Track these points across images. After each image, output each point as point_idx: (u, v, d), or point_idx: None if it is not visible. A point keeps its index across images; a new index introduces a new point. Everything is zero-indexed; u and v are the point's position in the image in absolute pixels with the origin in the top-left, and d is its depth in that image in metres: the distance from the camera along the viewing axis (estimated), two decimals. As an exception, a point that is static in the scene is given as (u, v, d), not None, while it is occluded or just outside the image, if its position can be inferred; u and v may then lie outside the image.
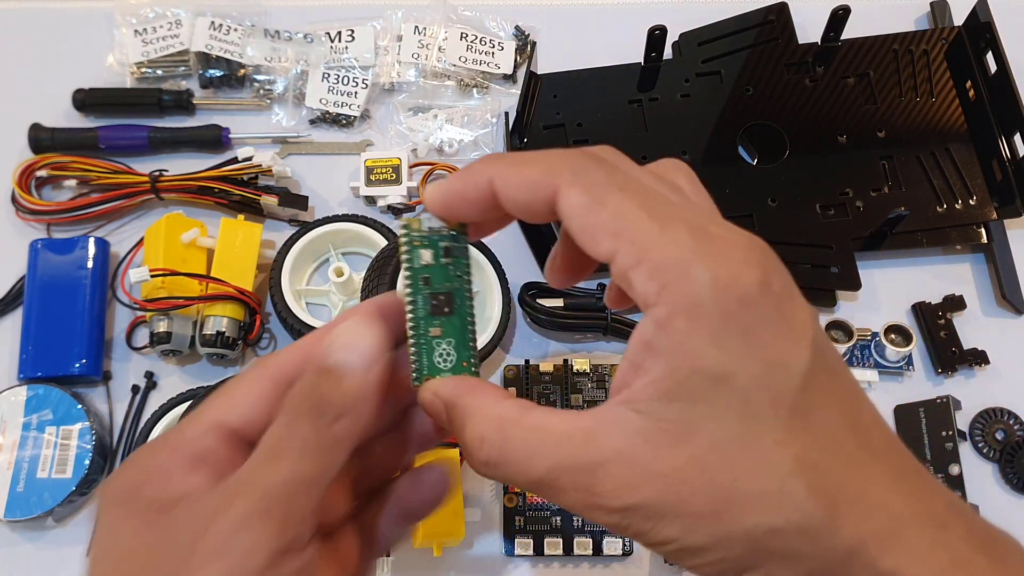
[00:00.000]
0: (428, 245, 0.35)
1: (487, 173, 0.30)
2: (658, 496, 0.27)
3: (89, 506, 0.59)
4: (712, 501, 0.27)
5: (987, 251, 0.67)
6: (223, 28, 0.72)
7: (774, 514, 0.27)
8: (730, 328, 0.27)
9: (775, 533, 0.27)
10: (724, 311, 0.27)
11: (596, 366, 0.62)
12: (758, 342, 0.27)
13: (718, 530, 0.27)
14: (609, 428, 0.28)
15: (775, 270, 0.28)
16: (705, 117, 0.70)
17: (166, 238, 0.61)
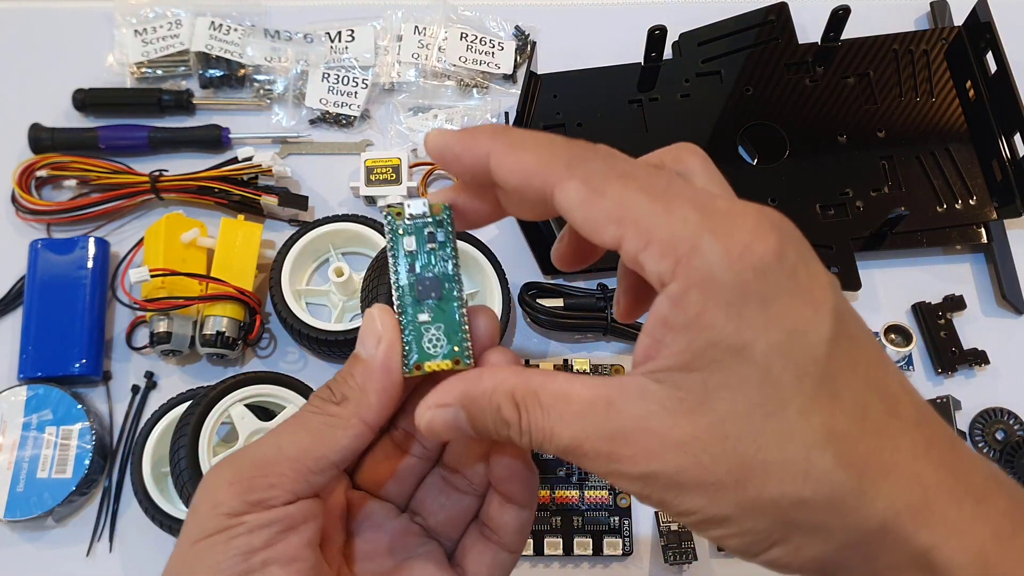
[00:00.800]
0: (412, 232, 0.34)
1: (487, 147, 0.30)
2: (677, 464, 0.27)
3: (89, 506, 0.59)
4: (734, 470, 0.27)
5: (987, 251, 0.67)
6: (223, 28, 0.72)
7: (801, 485, 0.27)
8: (746, 299, 0.26)
9: (803, 504, 0.27)
10: (739, 282, 0.26)
11: (596, 366, 0.62)
12: (776, 311, 0.27)
13: (743, 499, 0.27)
14: (629, 397, 0.28)
15: (790, 238, 0.28)
16: (705, 117, 0.70)
17: (166, 238, 0.61)
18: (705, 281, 0.26)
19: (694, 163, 0.32)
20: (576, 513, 0.58)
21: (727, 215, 0.27)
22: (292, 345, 0.64)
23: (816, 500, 0.27)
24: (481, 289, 0.63)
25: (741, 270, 0.26)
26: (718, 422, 0.27)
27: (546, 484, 0.59)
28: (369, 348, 0.31)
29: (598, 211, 0.28)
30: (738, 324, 0.26)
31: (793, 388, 0.27)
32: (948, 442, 0.28)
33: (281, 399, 0.56)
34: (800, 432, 0.27)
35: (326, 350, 0.61)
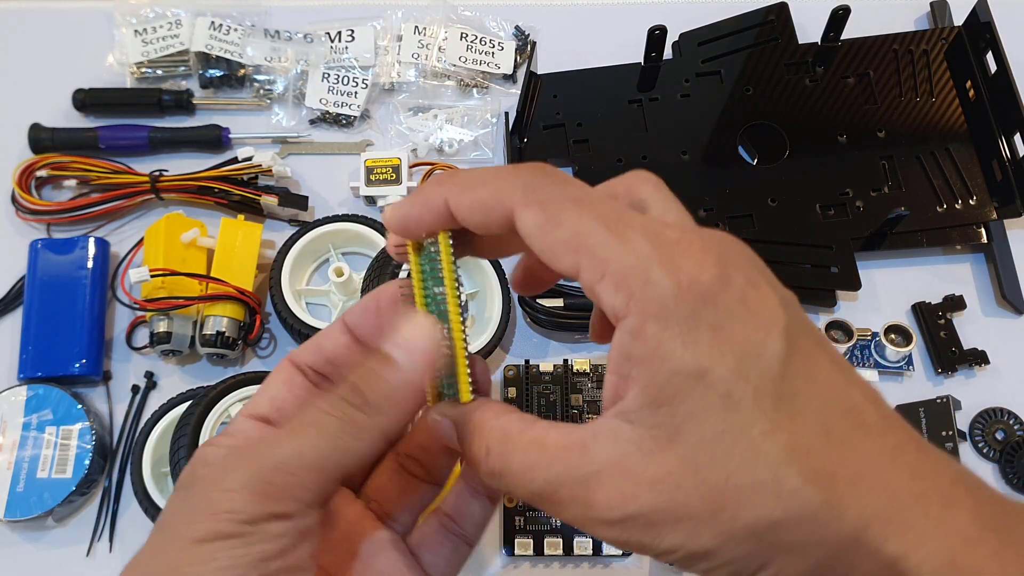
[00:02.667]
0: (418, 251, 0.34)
1: (441, 195, 0.30)
2: (653, 503, 0.27)
3: (89, 506, 0.59)
4: (708, 500, 0.27)
5: (987, 251, 0.67)
6: (223, 28, 0.72)
7: (772, 505, 0.27)
8: (699, 326, 0.27)
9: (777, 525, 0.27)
10: (690, 310, 0.27)
11: (596, 366, 0.62)
12: (728, 335, 0.27)
13: (720, 530, 0.27)
14: (603, 439, 0.28)
15: (735, 263, 0.28)
16: (705, 117, 0.70)
17: (166, 238, 0.61)
18: (659, 312, 0.27)
19: (647, 191, 0.32)
20: (576, 513, 0.58)
21: (676, 245, 0.28)
22: (292, 345, 0.64)
23: (789, 519, 0.27)
24: (481, 289, 0.63)
25: (691, 299, 0.27)
26: (689, 454, 0.27)
27: (546, 484, 0.59)
28: (415, 360, 0.30)
29: (555, 239, 0.28)
30: (695, 351, 0.27)
31: (754, 410, 0.27)
32: (915, 447, 0.28)
33: (281, 399, 0.56)
34: (765, 453, 0.27)
35: (326, 350, 0.61)
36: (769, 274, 0.29)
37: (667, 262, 0.27)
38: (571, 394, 0.61)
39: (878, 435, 0.28)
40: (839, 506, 0.27)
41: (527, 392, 0.61)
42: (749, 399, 0.27)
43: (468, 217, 0.30)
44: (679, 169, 0.68)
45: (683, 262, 0.27)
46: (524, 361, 0.62)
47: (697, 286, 0.27)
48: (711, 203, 0.66)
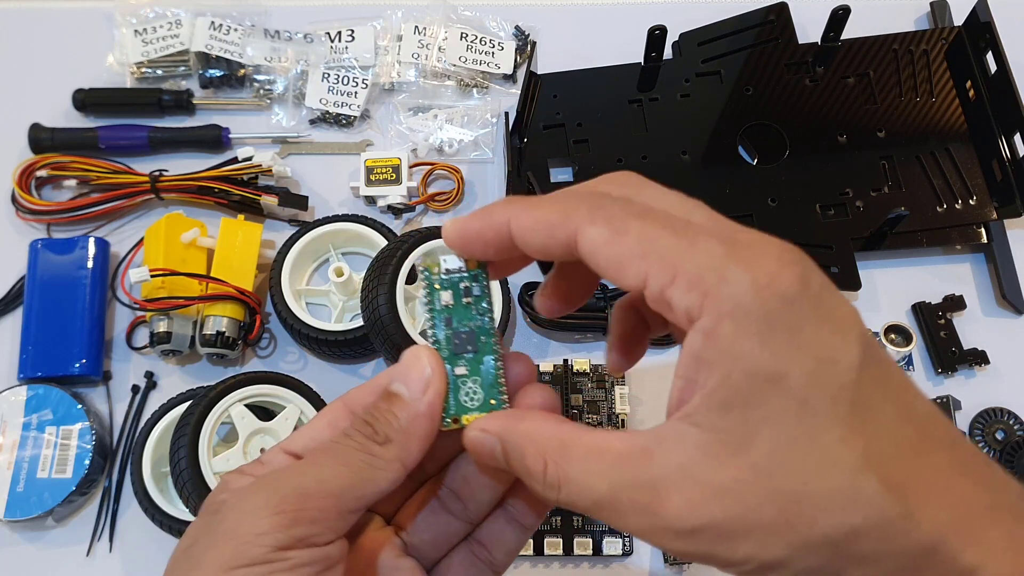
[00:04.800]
0: (448, 286, 0.35)
1: (505, 214, 0.30)
2: (725, 512, 0.26)
3: (89, 506, 0.59)
4: (783, 509, 0.26)
5: (987, 251, 0.67)
6: (223, 28, 0.72)
7: (851, 513, 0.26)
8: (776, 327, 0.26)
9: (855, 534, 0.26)
10: (768, 310, 0.26)
11: (596, 366, 0.62)
12: (806, 340, 0.26)
13: (795, 539, 0.26)
14: (668, 444, 0.27)
15: (812, 268, 0.27)
16: (705, 117, 0.70)
17: (166, 238, 0.61)
18: (735, 311, 0.26)
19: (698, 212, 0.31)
20: (576, 513, 0.58)
21: (751, 246, 0.27)
22: (292, 345, 0.64)
23: (868, 527, 0.26)
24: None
25: (769, 298, 0.26)
26: (762, 460, 0.26)
27: (546, 484, 0.59)
28: (415, 391, 0.31)
29: (622, 249, 0.27)
30: (772, 353, 0.26)
31: (830, 416, 0.26)
32: (982, 461, 0.28)
33: (281, 399, 0.56)
34: (842, 460, 0.26)
35: (326, 350, 0.61)
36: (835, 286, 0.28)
37: (744, 261, 0.26)
38: (571, 394, 0.61)
39: (948, 447, 0.28)
40: (916, 515, 0.26)
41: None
42: (825, 405, 0.26)
43: (531, 238, 0.30)
44: (679, 169, 0.68)
45: (761, 262, 0.27)
46: (524, 361, 0.62)
47: (776, 286, 0.26)
48: (711, 203, 0.66)
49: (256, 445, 0.55)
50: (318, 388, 0.57)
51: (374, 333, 0.57)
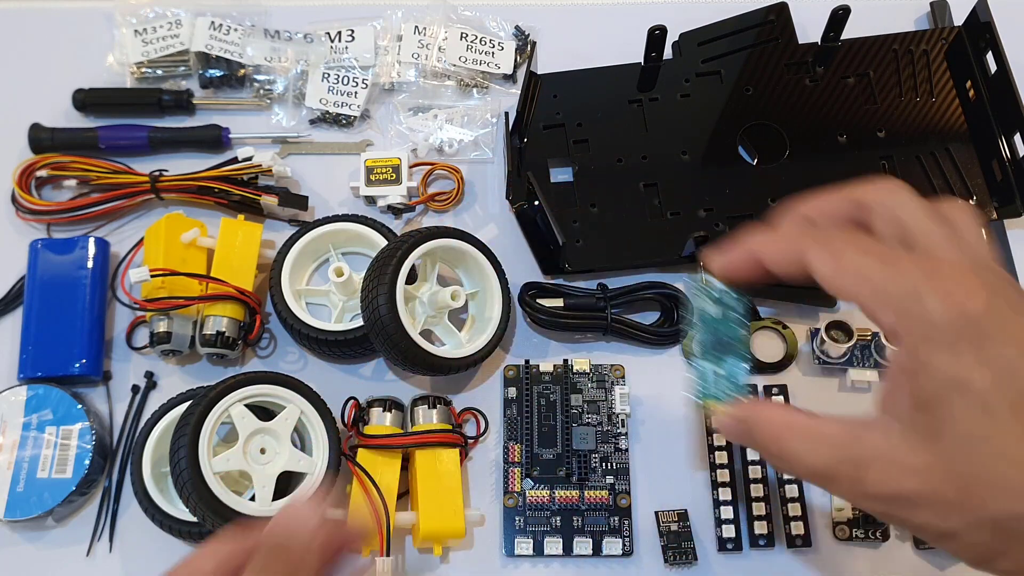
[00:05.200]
0: (715, 301, 0.45)
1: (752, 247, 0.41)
2: (914, 487, 0.34)
3: (89, 506, 0.59)
4: (960, 490, 0.33)
5: (987, 251, 0.67)
6: (223, 28, 0.72)
7: (1017, 501, 0.32)
8: (962, 344, 0.33)
9: (1018, 518, 0.32)
10: (955, 330, 0.33)
11: (596, 366, 0.62)
12: (988, 355, 0.33)
13: (967, 516, 0.34)
14: (875, 431, 0.36)
15: (1000, 290, 0.35)
16: (705, 117, 0.70)
17: (166, 238, 0.61)
18: (928, 331, 0.34)
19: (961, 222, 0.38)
20: (576, 513, 0.58)
21: (946, 274, 0.35)
22: (292, 345, 0.64)
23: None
24: (481, 289, 0.63)
25: (957, 319, 0.33)
26: (947, 450, 0.34)
27: (546, 484, 0.59)
28: None
29: (842, 272, 0.36)
30: (957, 365, 0.33)
31: (1008, 419, 0.33)
32: None
33: (281, 399, 0.56)
34: (1015, 457, 0.33)
35: (326, 350, 0.61)
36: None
37: (938, 288, 0.34)
38: (571, 394, 0.61)
39: None
40: None
41: (527, 392, 0.61)
42: (1004, 409, 0.33)
43: (776, 263, 0.40)
44: (679, 169, 0.68)
45: (953, 288, 0.34)
46: (524, 361, 0.62)
47: (964, 310, 0.33)
48: (711, 203, 0.66)
49: (256, 445, 0.55)
50: (318, 388, 0.57)
51: (374, 333, 0.57)
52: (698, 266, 0.49)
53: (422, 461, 0.56)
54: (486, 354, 0.60)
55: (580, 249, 0.65)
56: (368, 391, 0.61)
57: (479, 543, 0.58)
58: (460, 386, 0.63)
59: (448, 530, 0.55)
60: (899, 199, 0.39)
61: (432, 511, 0.55)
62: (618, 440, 0.60)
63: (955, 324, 0.34)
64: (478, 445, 0.61)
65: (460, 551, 0.58)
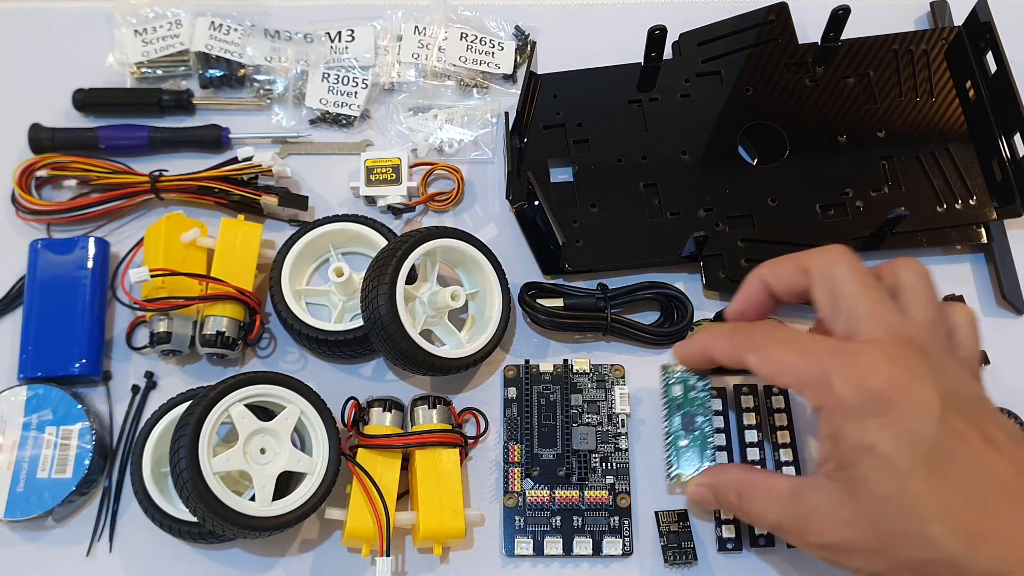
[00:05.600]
0: (680, 382, 0.55)
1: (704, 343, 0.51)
2: (842, 537, 0.41)
3: (89, 506, 0.59)
4: (878, 540, 0.40)
5: (987, 251, 0.67)
6: (223, 28, 0.72)
7: (923, 549, 0.38)
8: (868, 415, 0.40)
9: (925, 564, 0.38)
10: (861, 404, 0.40)
11: (596, 366, 0.62)
12: (891, 421, 0.40)
13: (888, 561, 0.40)
14: (813, 490, 0.43)
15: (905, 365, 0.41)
16: (705, 117, 0.70)
17: (166, 238, 0.61)
18: (839, 407, 0.41)
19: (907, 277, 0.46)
20: (576, 513, 0.58)
21: (851, 354, 0.42)
22: (292, 345, 0.64)
23: (934, 560, 0.38)
24: (481, 289, 0.63)
25: (861, 395, 0.40)
26: (864, 505, 0.40)
27: (546, 484, 0.59)
28: None
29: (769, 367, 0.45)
30: (864, 432, 0.40)
31: (909, 475, 0.39)
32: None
33: (281, 399, 0.56)
34: (917, 510, 0.38)
35: (326, 350, 0.61)
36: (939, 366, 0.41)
37: (843, 370, 0.41)
38: (571, 394, 0.61)
39: (1018, 500, 0.38)
40: (975, 556, 0.37)
41: (527, 392, 0.61)
42: (905, 467, 0.39)
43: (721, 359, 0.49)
44: (679, 169, 0.68)
45: (856, 368, 0.41)
46: (524, 361, 0.62)
47: (865, 386, 0.40)
48: (711, 203, 0.66)
49: (256, 445, 0.55)
50: (318, 388, 0.57)
51: (374, 333, 0.57)
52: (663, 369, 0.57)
53: (422, 461, 0.56)
54: (486, 354, 0.60)
55: (580, 249, 0.65)
56: (368, 391, 0.61)
57: (479, 543, 0.58)
58: (460, 386, 0.63)
59: (448, 530, 0.55)
60: (837, 271, 0.45)
61: (432, 511, 0.55)
62: (618, 440, 0.60)
63: (859, 399, 0.40)
64: (478, 445, 0.61)
65: (460, 551, 0.58)
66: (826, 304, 0.46)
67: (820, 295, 0.46)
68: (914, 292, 0.45)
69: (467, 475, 0.60)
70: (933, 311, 0.45)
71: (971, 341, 0.47)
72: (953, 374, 0.42)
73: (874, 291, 0.45)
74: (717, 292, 0.65)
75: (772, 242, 0.65)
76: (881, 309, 0.44)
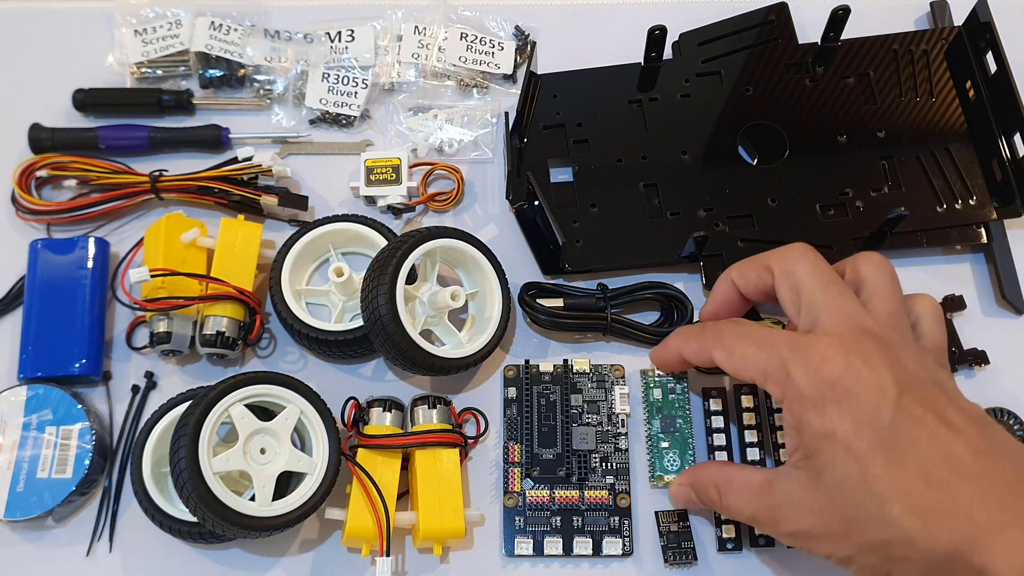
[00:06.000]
0: (659, 385, 0.59)
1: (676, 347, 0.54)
2: (810, 523, 0.43)
3: (89, 506, 0.59)
4: (842, 523, 0.41)
5: (987, 251, 0.67)
6: (223, 28, 0.72)
7: (883, 530, 0.39)
8: (827, 403, 0.42)
9: (888, 544, 0.39)
10: (819, 392, 0.42)
11: (596, 366, 0.62)
12: (847, 407, 0.41)
13: (854, 543, 0.41)
14: (782, 480, 0.45)
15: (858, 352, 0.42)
16: (705, 117, 0.70)
17: (166, 238, 0.61)
18: (799, 397, 0.43)
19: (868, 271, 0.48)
20: (576, 513, 0.58)
21: (807, 346, 0.43)
22: (292, 345, 0.64)
23: (896, 540, 0.39)
24: (481, 289, 0.63)
25: (819, 384, 0.42)
26: (828, 491, 0.42)
27: (546, 484, 0.59)
28: None
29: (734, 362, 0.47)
30: (823, 420, 0.42)
31: (868, 459, 0.40)
32: (1006, 488, 0.39)
33: (281, 399, 0.56)
34: (876, 492, 0.40)
35: (326, 350, 0.61)
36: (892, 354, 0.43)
37: (800, 360, 0.43)
38: (571, 394, 0.61)
39: (973, 479, 0.39)
40: (933, 533, 0.38)
41: (527, 392, 0.61)
42: (864, 451, 0.40)
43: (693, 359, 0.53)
44: (679, 169, 0.68)
45: (812, 358, 0.43)
46: (524, 361, 0.62)
47: (822, 376, 0.42)
48: (711, 203, 0.66)
49: (256, 445, 0.55)
50: (318, 388, 0.57)
51: (374, 333, 0.57)
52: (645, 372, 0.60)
53: (422, 461, 0.56)
54: (486, 354, 0.60)
55: (580, 249, 0.65)
56: (368, 391, 0.61)
57: (479, 543, 0.58)
58: (460, 386, 0.63)
59: (448, 530, 0.55)
60: (798, 268, 0.47)
61: (432, 511, 0.55)
62: (618, 440, 0.60)
63: (817, 388, 0.42)
64: (478, 445, 0.61)
65: (460, 551, 0.58)
66: (789, 300, 0.48)
67: (783, 292, 0.48)
68: (875, 285, 0.47)
69: (467, 475, 0.60)
70: (894, 302, 0.47)
71: (935, 330, 0.49)
72: (912, 361, 0.43)
73: (834, 286, 0.46)
74: (717, 292, 0.65)
75: (772, 242, 0.65)
76: (841, 302, 0.45)
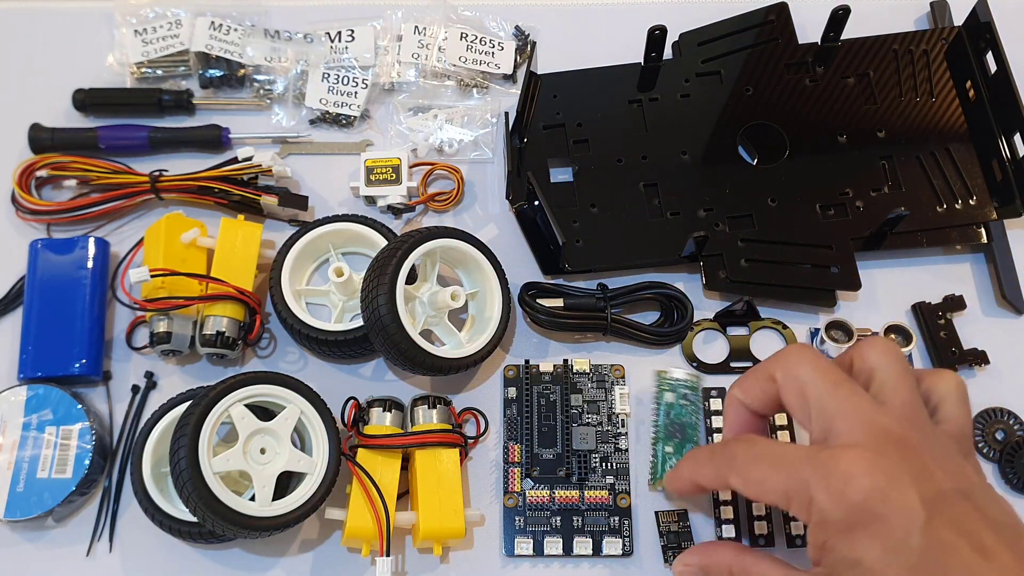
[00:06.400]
0: (671, 389, 0.58)
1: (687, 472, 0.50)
2: None
3: (89, 506, 0.59)
4: None
5: (987, 251, 0.67)
6: (223, 28, 0.72)
7: None
8: (853, 527, 0.39)
9: None
10: (844, 516, 0.40)
11: (596, 366, 0.62)
12: (875, 532, 0.39)
13: None
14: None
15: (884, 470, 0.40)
16: (705, 117, 0.70)
17: (166, 238, 0.61)
18: (825, 522, 0.40)
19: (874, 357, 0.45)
20: (576, 513, 0.58)
21: (828, 463, 0.41)
22: (292, 345, 0.64)
23: None
24: (481, 289, 0.63)
25: (844, 508, 0.40)
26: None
27: (546, 484, 0.59)
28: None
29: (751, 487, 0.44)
30: (851, 546, 0.40)
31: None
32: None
33: (281, 399, 0.56)
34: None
35: (326, 350, 0.61)
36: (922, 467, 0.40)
37: (823, 483, 0.40)
38: (571, 394, 0.61)
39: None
40: None
41: (527, 392, 0.61)
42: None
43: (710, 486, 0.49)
44: (679, 169, 0.68)
45: (835, 481, 0.40)
46: (524, 361, 0.62)
47: (848, 499, 0.40)
48: (711, 203, 0.66)
49: (256, 445, 0.55)
50: (318, 388, 0.57)
51: (374, 333, 0.57)
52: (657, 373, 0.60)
53: (422, 461, 0.56)
54: (486, 354, 0.60)
55: (580, 249, 0.65)
56: (368, 391, 0.61)
57: (479, 543, 0.58)
58: (460, 386, 0.63)
59: (448, 530, 0.55)
60: (802, 372, 0.44)
61: (432, 511, 0.55)
62: (618, 440, 0.60)
63: (843, 512, 0.40)
64: (478, 445, 0.61)
65: (460, 551, 0.58)
66: (798, 407, 0.45)
67: (790, 400, 0.45)
68: (885, 374, 0.44)
69: (467, 475, 0.60)
70: (907, 390, 0.43)
71: (958, 412, 0.45)
72: (938, 467, 0.40)
73: (843, 386, 0.43)
74: (717, 292, 0.65)
75: (772, 242, 0.65)
76: (852, 404, 0.42)
